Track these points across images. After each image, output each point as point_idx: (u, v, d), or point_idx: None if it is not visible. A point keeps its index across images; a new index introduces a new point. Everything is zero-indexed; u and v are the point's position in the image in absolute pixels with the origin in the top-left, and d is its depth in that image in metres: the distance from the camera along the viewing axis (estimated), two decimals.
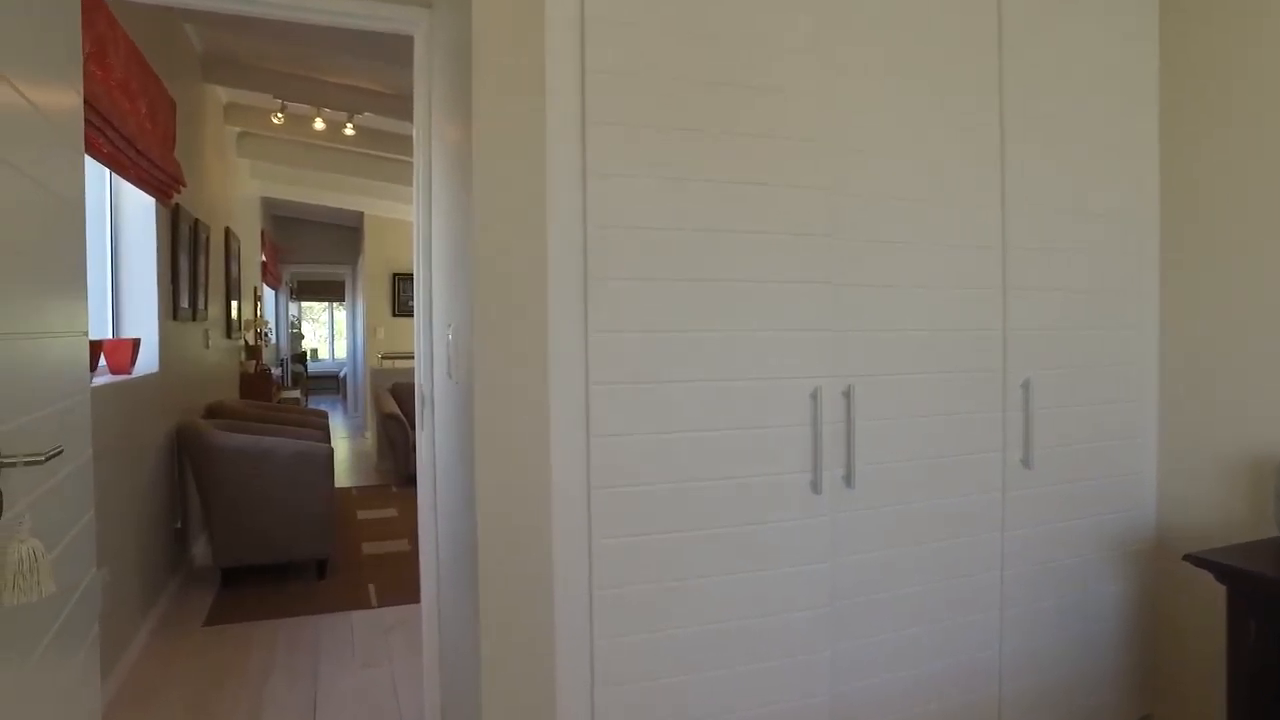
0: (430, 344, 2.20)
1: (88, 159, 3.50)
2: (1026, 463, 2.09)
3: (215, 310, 5.43)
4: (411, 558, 4.55)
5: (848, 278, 1.90)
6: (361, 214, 9.60)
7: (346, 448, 8.92)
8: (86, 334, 1.90)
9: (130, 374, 3.41)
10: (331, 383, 16.00)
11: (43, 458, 1.14)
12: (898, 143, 1.95)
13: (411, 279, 10.13)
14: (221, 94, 5.89)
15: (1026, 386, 2.08)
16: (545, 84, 1.62)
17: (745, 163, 1.78)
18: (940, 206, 1.99)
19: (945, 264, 2.00)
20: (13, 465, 1.09)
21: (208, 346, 5.11)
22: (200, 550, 4.48)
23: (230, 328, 6.03)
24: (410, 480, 6.66)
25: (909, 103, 1.96)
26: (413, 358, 7.25)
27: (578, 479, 1.66)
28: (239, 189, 6.99)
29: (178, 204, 4.08)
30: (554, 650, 1.64)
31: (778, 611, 1.82)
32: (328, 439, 4.95)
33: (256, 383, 6.78)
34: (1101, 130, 2.20)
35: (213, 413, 4.94)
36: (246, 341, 7.04)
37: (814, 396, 1.84)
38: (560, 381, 1.64)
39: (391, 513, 5.72)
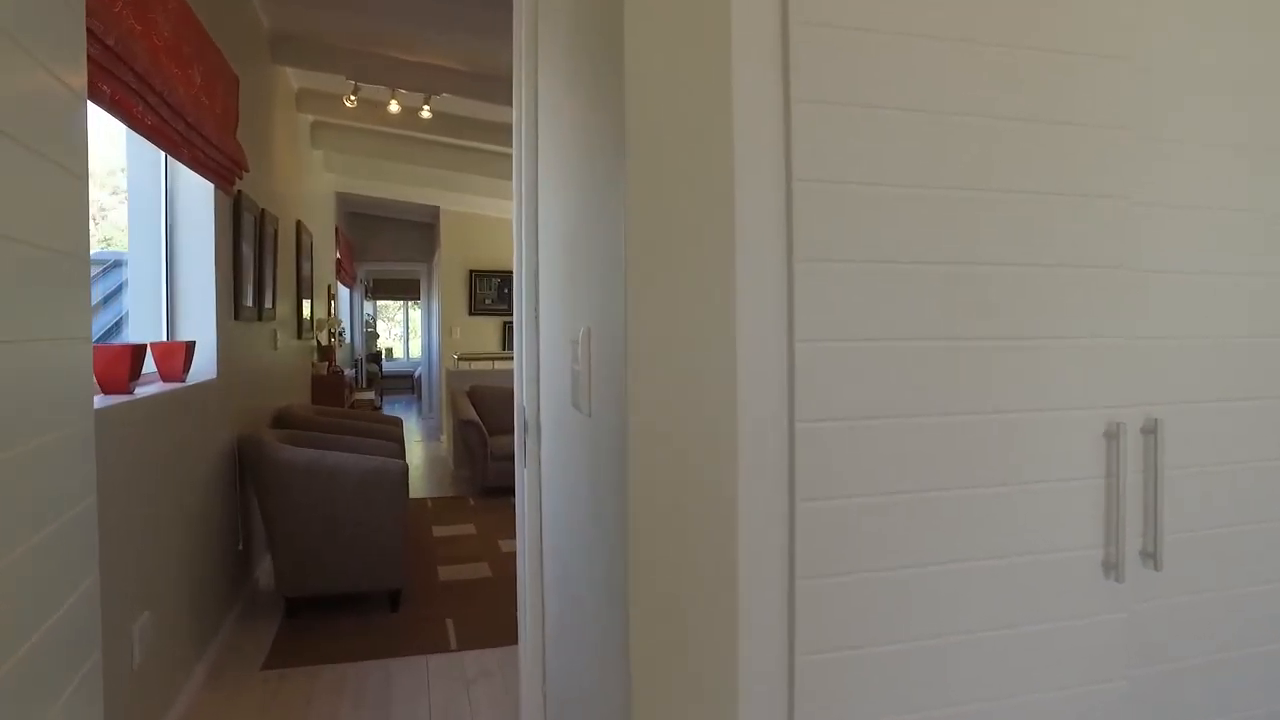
0: (535, 359, 1.68)
1: (132, 135, 3.11)
2: None
3: (284, 309, 5.06)
4: (493, 586, 4.06)
5: (1154, 260, 1.28)
6: (437, 209, 9.25)
7: (421, 453, 8.57)
8: (89, 339, 1.42)
9: (184, 381, 3.00)
10: (406, 383, 15.85)
11: None
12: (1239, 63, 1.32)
13: (489, 277, 9.81)
14: (293, 79, 5.54)
15: None
16: None
17: (1019, 89, 1.19)
18: None
19: None
20: None
21: (276, 348, 4.73)
22: (265, 571, 4.08)
23: (301, 328, 5.67)
24: (489, 492, 6.21)
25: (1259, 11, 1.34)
26: (491, 359, 6.80)
27: (775, 566, 1.10)
28: (312, 182, 6.66)
29: (241, 192, 3.68)
30: None
31: None
32: (402, 451, 4.52)
33: (329, 386, 6.43)
34: None
35: (280, 420, 4.55)
36: (319, 342, 6.71)
37: (1110, 435, 1.23)
38: (752, 419, 1.08)
39: (469, 529, 5.26)
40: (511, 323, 7.32)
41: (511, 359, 7.25)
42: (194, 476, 3.00)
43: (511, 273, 7.01)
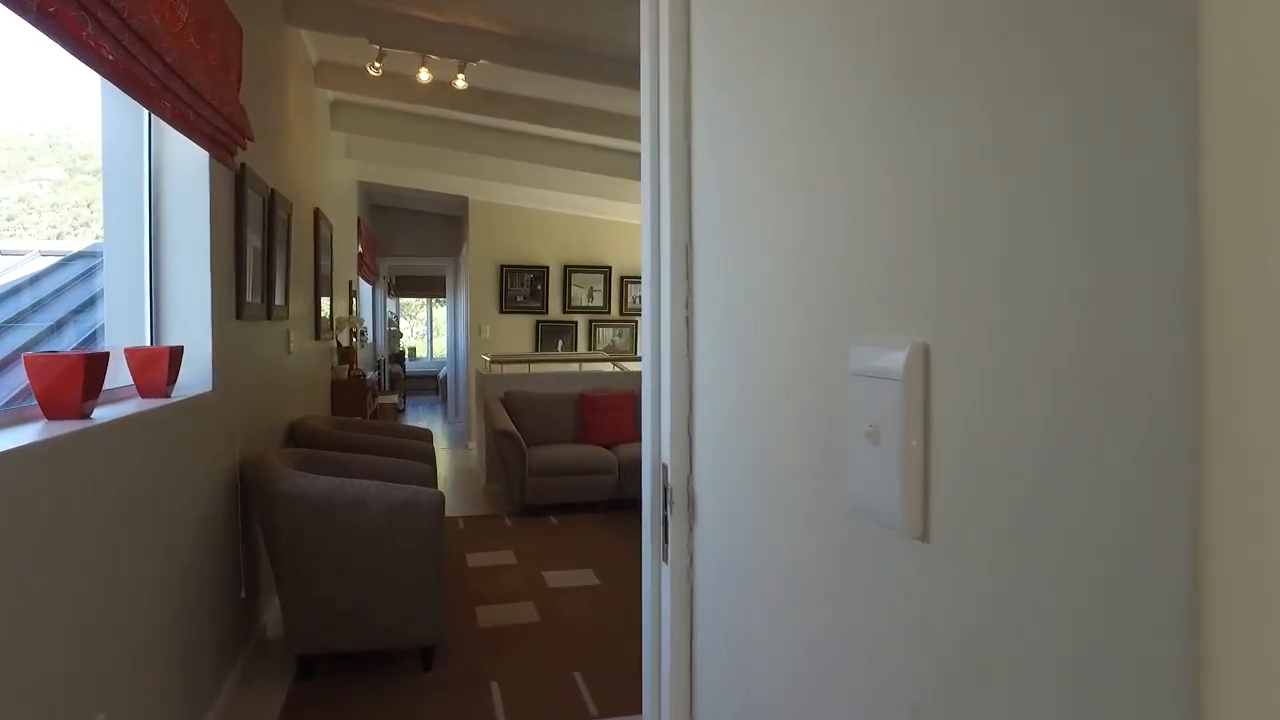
0: (686, 403, 1.02)
1: (107, 93, 2.49)
2: None
3: (300, 307, 4.46)
4: (541, 635, 3.42)
5: None
6: (465, 200, 8.64)
7: (448, 462, 7.97)
8: None
9: (168, 396, 2.38)
10: (430, 383, 15.31)
11: None
12: None
13: (521, 272, 9.14)
14: (311, 50, 4.93)
15: None
16: None
17: None
18: None
19: None
20: None
21: (290, 351, 4.13)
22: (274, 618, 3.47)
23: (319, 328, 5.07)
24: (526, 511, 5.59)
25: None
26: (526, 361, 6.14)
27: None
28: (333, 168, 6.06)
29: (245, 167, 3.06)
30: None
31: None
32: (434, 474, 3.89)
33: (350, 392, 5.84)
34: None
35: (294, 436, 3.94)
36: (339, 343, 6.12)
37: None
38: None
39: (508, 557, 4.63)
40: (545, 322, 6.66)
41: (549, 360, 6.61)
42: (182, 514, 2.39)
43: (546, 268, 6.40)
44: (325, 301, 5.42)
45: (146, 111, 2.53)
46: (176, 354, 2.43)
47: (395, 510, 2.90)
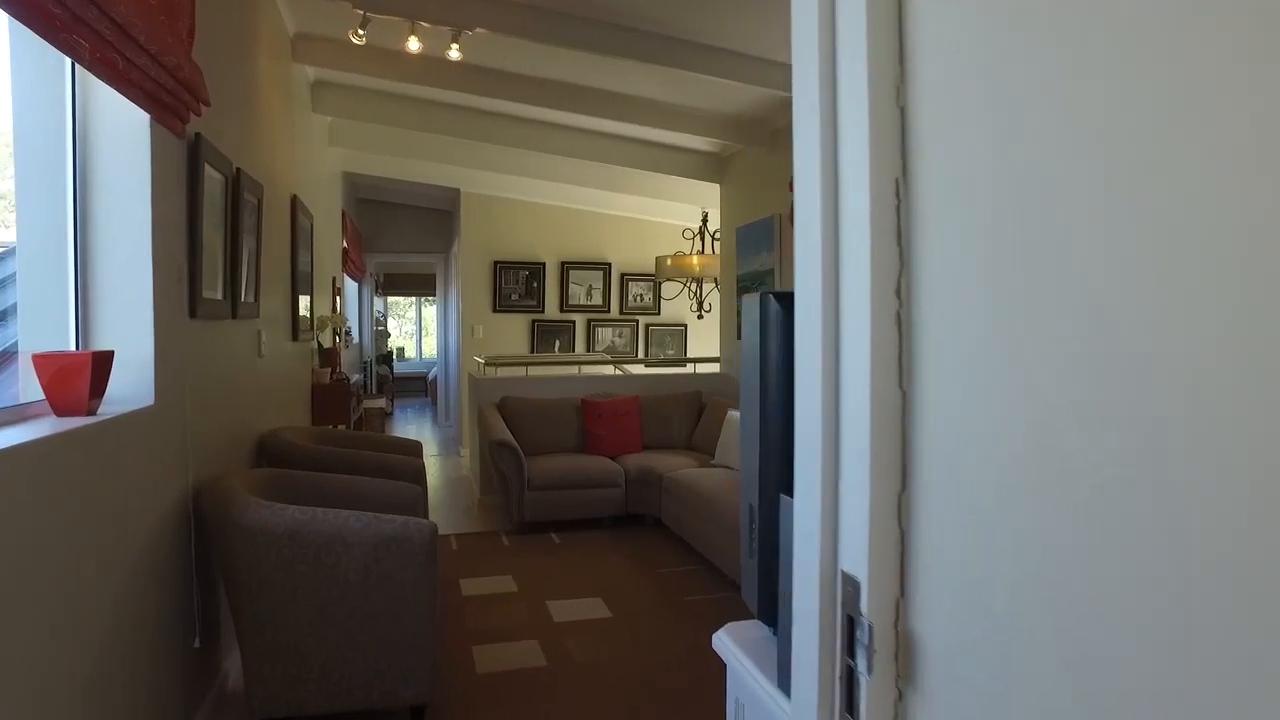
0: (895, 469, 0.55)
1: (16, 33, 2.01)
2: None
3: (274, 304, 3.97)
4: (551, 682, 2.95)
5: None
6: (457, 192, 8.16)
7: (439, 471, 7.48)
8: None
9: (93, 413, 1.91)
10: (419, 385, 14.81)
11: None
12: None
13: (516, 269, 8.59)
14: (288, 19, 4.44)
15: None
16: None
17: None
18: None
19: None
20: None
21: (262, 354, 3.64)
22: (235, 668, 2.98)
23: (298, 327, 4.58)
24: (525, 528, 5.12)
25: None
26: (524, 364, 5.63)
27: None
28: (314, 154, 5.57)
29: (201, 137, 2.58)
30: None
31: None
32: (423, 489, 3.42)
33: (332, 397, 5.34)
34: None
35: (264, 451, 3.46)
36: (320, 344, 5.63)
37: None
38: None
39: (507, 584, 4.15)
40: (541, 321, 6.14)
41: (547, 363, 6.12)
42: (111, 556, 1.91)
43: (542, 265, 5.90)
44: (305, 299, 4.93)
45: (70, 62, 2.06)
46: (104, 360, 1.95)
47: (380, 547, 2.43)
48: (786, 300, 1.27)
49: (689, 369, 6.94)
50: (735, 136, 5.62)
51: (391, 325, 16.35)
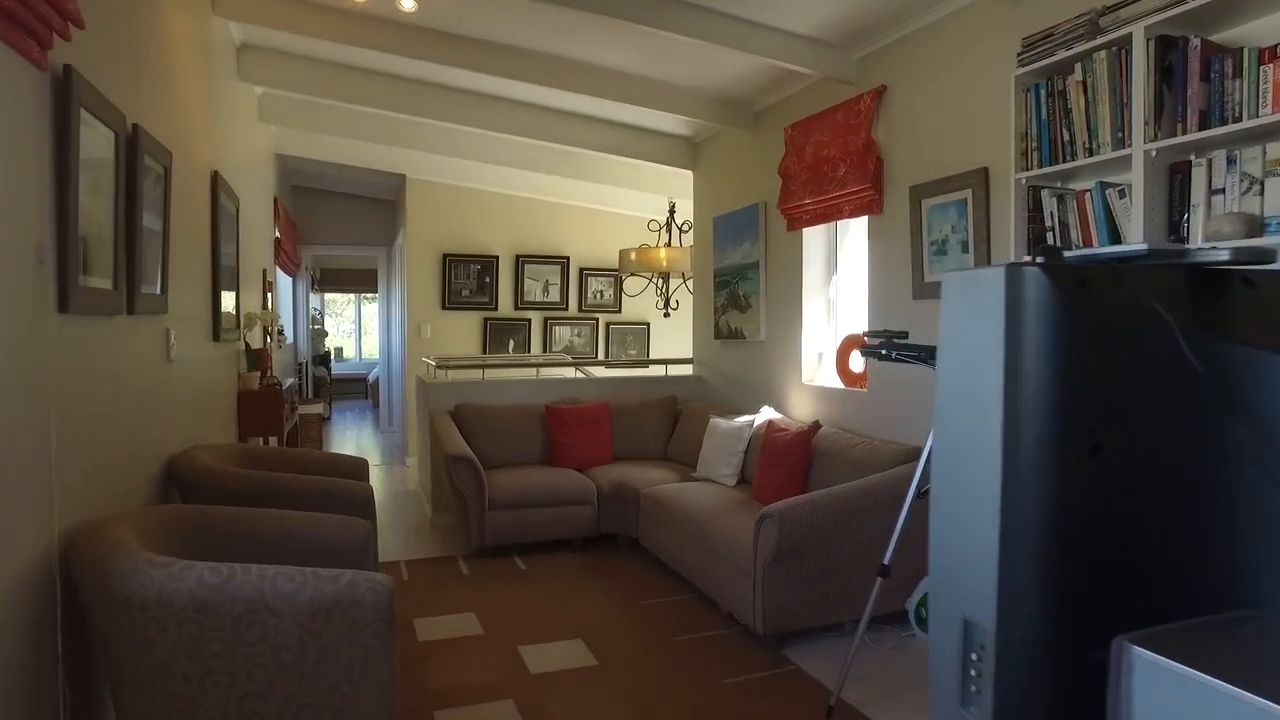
0: None
1: None
2: None
3: (189, 298, 3.32)
4: None
5: None
6: (403, 178, 7.49)
7: (382, 483, 6.81)
8: None
9: None
10: (359, 386, 14.01)
11: None
12: None
13: (467, 263, 7.89)
14: None
15: None
16: None
17: None
18: None
19: None
20: None
21: (171, 359, 2.99)
22: None
23: (219, 326, 3.91)
24: (489, 552, 4.54)
25: None
26: (480, 367, 4.82)
27: None
28: (241, 130, 4.88)
29: (73, 70, 1.95)
30: None
31: None
32: (372, 523, 2.82)
33: (262, 405, 4.67)
34: None
35: (174, 481, 2.82)
36: (248, 345, 4.94)
37: None
38: None
39: (471, 625, 3.56)
40: (494, 320, 5.45)
41: (504, 365, 5.47)
42: None
43: (495, 259, 5.17)
44: (230, 295, 4.26)
45: None
46: None
47: (320, 615, 1.84)
48: (1066, 275, 0.72)
49: (660, 370, 6.41)
50: (715, 116, 5.11)
51: (329, 324, 15.44)
